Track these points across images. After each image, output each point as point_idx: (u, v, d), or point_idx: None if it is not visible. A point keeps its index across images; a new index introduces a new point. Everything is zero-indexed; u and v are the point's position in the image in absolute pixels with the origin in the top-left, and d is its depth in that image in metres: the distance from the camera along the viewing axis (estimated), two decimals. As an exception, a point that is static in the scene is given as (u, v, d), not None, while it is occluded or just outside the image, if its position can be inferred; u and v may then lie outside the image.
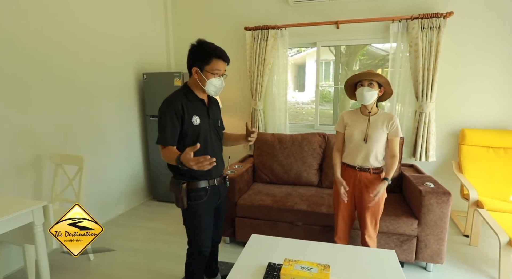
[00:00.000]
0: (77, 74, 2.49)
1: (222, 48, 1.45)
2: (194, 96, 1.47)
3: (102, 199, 2.82)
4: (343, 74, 4.21)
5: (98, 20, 2.66)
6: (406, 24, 2.68)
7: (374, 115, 1.73)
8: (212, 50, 1.40)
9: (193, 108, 1.44)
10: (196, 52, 1.41)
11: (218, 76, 1.42)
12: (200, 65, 1.39)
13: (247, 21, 3.22)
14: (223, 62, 1.42)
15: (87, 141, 2.62)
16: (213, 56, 1.39)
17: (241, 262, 1.45)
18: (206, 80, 1.40)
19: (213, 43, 1.43)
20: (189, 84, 1.49)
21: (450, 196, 1.90)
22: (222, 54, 1.41)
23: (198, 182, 1.48)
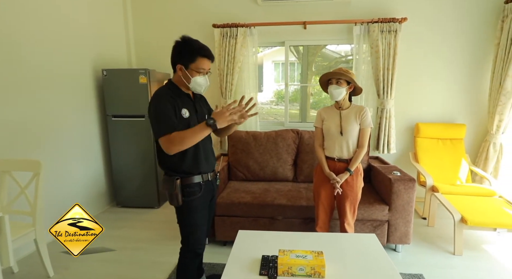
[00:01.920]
0: (24, 67, 2.20)
1: (207, 46, 1.41)
2: (180, 91, 1.42)
3: (57, 208, 2.48)
4: (303, 75, 4.40)
5: (48, 6, 2.38)
6: (367, 27, 2.90)
7: (346, 109, 1.86)
8: (197, 48, 1.36)
9: (181, 102, 1.40)
10: (181, 49, 1.36)
11: (202, 74, 1.38)
12: (185, 63, 1.35)
13: (215, 18, 3.17)
14: (208, 60, 1.39)
15: (38, 143, 2.33)
16: (198, 55, 1.35)
17: (233, 258, 1.42)
18: (191, 78, 1.36)
19: (198, 41, 1.39)
20: (174, 81, 1.44)
21: (415, 182, 2.10)
22: (208, 53, 1.38)
23: (192, 178, 1.44)
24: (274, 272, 1.28)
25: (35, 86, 2.28)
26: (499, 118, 2.74)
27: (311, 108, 4.70)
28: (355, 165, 1.82)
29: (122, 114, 2.94)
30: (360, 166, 1.90)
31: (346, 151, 1.84)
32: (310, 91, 4.68)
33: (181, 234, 1.51)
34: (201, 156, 1.45)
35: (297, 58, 4.53)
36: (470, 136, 3.06)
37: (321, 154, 1.93)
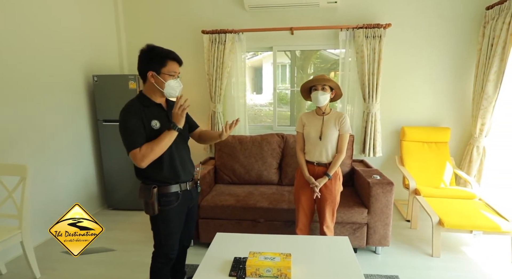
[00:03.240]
0: (16, 71, 2.27)
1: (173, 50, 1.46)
2: (150, 101, 1.43)
3: (49, 211, 2.57)
4: (298, 77, 4.45)
5: (40, 13, 2.46)
6: (352, 32, 2.95)
7: (327, 114, 1.91)
8: (166, 52, 1.41)
9: (151, 113, 1.41)
10: (149, 56, 1.39)
11: (174, 78, 1.42)
12: (156, 68, 1.38)
13: (204, 24, 3.24)
14: (177, 64, 1.44)
15: (29, 147, 2.39)
16: (168, 58, 1.40)
17: (207, 259, 1.48)
18: (165, 82, 1.39)
19: (162, 47, 1.43)
20: (144, 91, 1.45)
21: (392, 185, 2.15)
22: (176, 56, 1.43)
23: (169, 187, 1.45)
24: (242, 274, 1.33)
25: (25, 91, 2.34)
26: (481, 122, 2.78)
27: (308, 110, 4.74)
28: (333, 170, 1.87)
29: (112, 119, 3.01)
30: (339, 170, 1.95)
31: (325, 156, 1.89)
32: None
33: (154, 240, 1.54)
34: (178, 165, 1.47)
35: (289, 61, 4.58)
36: (455, 139, 3.10)
37: (302, 158, 1.98)
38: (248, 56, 3.22)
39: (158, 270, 1.55)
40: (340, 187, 1.96)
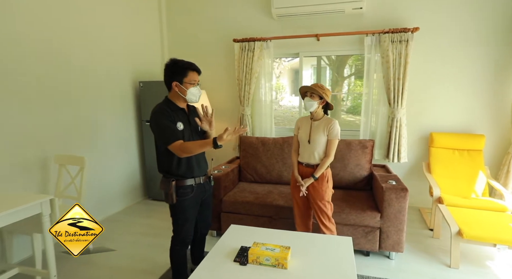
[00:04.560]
0: (80, 81, 2.77)
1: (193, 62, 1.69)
2: (176, 106, 1.68)
3: (101, 197, 3.08)
4: (333, 80, 4.48)
5: (98, 33, 2.95)
6: (378, 37, 2.95)
7: (317, 120, 2.03)
8: (187, 64, 1.64)
9: (177, 116, 1.65)
10: (172, 69, 1.63)
11: (194, 86, 1.66)
12: (179, 79, 1.62)
13: (235, 33, 3.50)
14: (197, 73, 1.67)
15: (88, 143, 2.89)
16: (189, 69, 1.63)
17: (218, 246, 1.69)
18: (186, 90, 1.63)
19: (183, 60, 1.67)
20: (170, 97, 1.70)
21: (407, 192, 2.15)
22: (195, 67, 1.67)
23: (185, 180, 1.69)
24: (245, 260, 1.53)
25: (82, 95, 2.82)
26: (521, 130, 2.58)
27: (348, 113, 4.71)
28: (319, 172, 1.98)
29: (154, 120, 3.43)
30: (328, 172, 2.05)
31: (312, 158, 2.02)
32: (342, 97, 4.74)
33: (173, 226, 1.78)
34: (194, 162, 1.71)
35: (328, 64, 4.62)
36: (490, 147, 2.90)
37: (294, 158, 2.15)
38: (288, 58, 3.37)
39: (176, 252, 1.79)
40: (327, 187, 2.05)
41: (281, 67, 5.37)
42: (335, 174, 2.70)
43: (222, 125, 3.80)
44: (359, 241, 2.26)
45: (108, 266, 2.27)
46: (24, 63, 2.30)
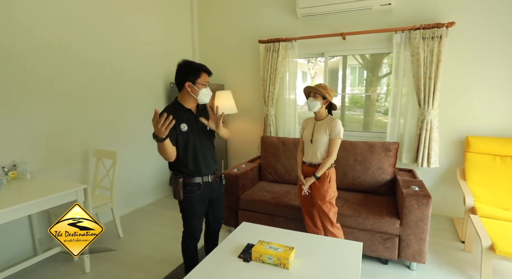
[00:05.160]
0: (116, 84, 3.05)
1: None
2: (183, 107, 1.72)
3: (134, 189, 3.36)
4: (368, 80, 4.30)
5: (134, 39, 3.21)
6: (408, 34, 2.78)
7: (321, 120, 2.02)
8: (199, 66, 1.68)
9: (181, 117, 1.67)
10: (186, 70, 1.67)
11: (205, 87, 1.72)
12: (192, 79, 1.66)
13: (261, 34, 3.55)
14: (208, 75, 1.73)
15: (122, 139, 3.16)
16: (202, 71, 1.68)
17: (227, 242, 1.75)
18: (199, 91, 1.67)
19: (194, 61, 1.73)
20: (178, 99, 1.74)
21: (429, 199, 2.02)
22: (207, 69, 1.72)
23: (192, 178, 1.73)
24: (248, 257, 1.57)
25: (119, 96, 3.10)
26: None
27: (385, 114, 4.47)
28: (320, 172, 1.96)
29: (182, 119, 3.64)
30: (331, 172, 2.01)
31: (315, 158, 2.01)
32: (375, 97, 4.54)
33: (183, 221, 1.83)
34: (200, 162, 1.75)
35: (361, 64, 4.45)
36: (541, 154, 2.56)
37: (299, 158, 2.16)
38: (324, 59, 3.33)
39: (186, 246, 1.89)
40: (330, 188, 2.01)
41: (317, 67, 5.29)
42: (356, 177, 2.63)
43: (246, 125, 3.89)
44: (376, 248, 2.18)
45: (134, 252, 2.48)
46: (68, 69, 2.60)
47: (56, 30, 2.48)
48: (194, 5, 3.96)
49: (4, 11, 2.14)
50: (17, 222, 2.30)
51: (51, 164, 2.51)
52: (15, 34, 2.21)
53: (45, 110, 2.44)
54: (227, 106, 3.65)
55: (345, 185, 2.67)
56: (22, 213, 1.82)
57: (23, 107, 2.30)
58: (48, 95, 2.46)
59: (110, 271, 2.21)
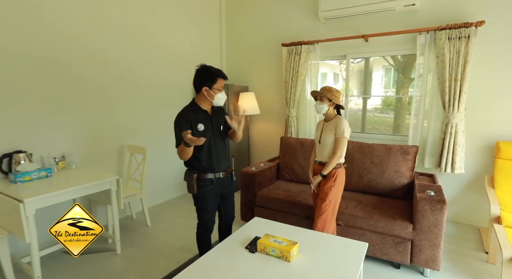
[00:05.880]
0: (149, 87, 3.35)
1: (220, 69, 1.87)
2: (199, 108, 1.85)
3: (162, 183, 3.64)
4: (399, 82, 4.19)
5: (166, 46, 3.50)
6: (433, 35, 2.70)
7: (328, 121, 2.10)
8: (216, 72, 1.79)
9: (198, 118, 1.82)
10: (204, 75, 1.79)
11: (221, 91, 1.85)
12: (209, 85, 1.78)
13: (284, 37, 3.65)
14: (224, 80, 1.85)
15: (154, 137, 3.46)
16: (218, 77, 1.78)
17: (236, 234, 1.86)
18: (214, 95, 1.80)
19: (212, 66, 1.82)
20: (196, 100, 1.87)
21: (444, 204, 1.97)
22: (223, 74, 1.84)
23: (206, 174, 1.86)
24: (254, 248, 1.69)
25: (153, 98, 3.40)
26: None
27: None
28: (326, 170, 2.02)
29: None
30: (338, 171, 2.05)
31: (324, 157, 2.10)
32: (406, 100, 4.40)
33: (197, 214, 1.97)
34: (213, 160, 1.87)
35: (393, 65, 4.34)
36: None
37: (312, 158, 2.25)
38: (357, 60, 3.34)
39: (199, 237, 2.01)
40: (334, 187, 2.04)
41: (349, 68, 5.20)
42: (372, 180, 2.62)
43: (269, 126, 4.01)
44: (388, 251, 2.17)
45: (158, 239, 2.73)
46: (108, 75, 2.93)
47: (97, 40, 2.82)
48: (223, 12, 4.17)
49: (52, 25, 2.49)
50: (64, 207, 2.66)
51: (92, 157, 2.86)
52: (62, 45, 2.56)
53: (88, 111, 2.79)
54: (250, 107, 3.80)
55: (360, 187, 2.67)
56: (68, 197, 2.13)
57: (71, 109, 2.66)
58: (91, 98, 2.80)
59: (137, 254, 2.47)
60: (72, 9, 2.59)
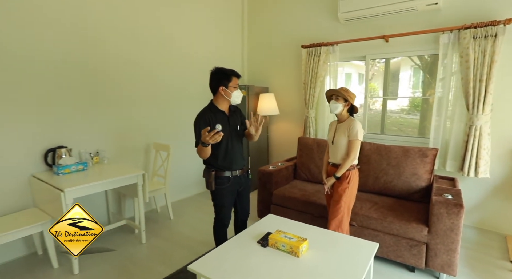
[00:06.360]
0: (174, 89, 3.56)
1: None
2: (217, 109, 1.95)
3: (185, 180, 3.84)
4: (425, 82, 4.06)
5: (192, 50, 3.69)
6: (457, 34, 2.61)
7: (341, 122, 2.10)
8: (230, 71, 1.90)
9: (216, 118, 1.92)
10: (218, 76, 1.90)
11: (236, 89, 1.95)
12: (225, 84, 1.89)
13: (303, 39, 3.69)
14: (238, 78, 1.94)
15: (178, 136, 3.67)
16: (232, 75, 1.89)
17: (250, 229, 1.95)
18: (231, 93, 1.90)
19: (224, 67, 1.93)
20: (214, 101, 1.99)
21: (461, 208, 1.93)
22: (237, 73, 1.93)
23: (223, 172, 1.96)
24: (266, 243, 1.78)
25: (178, 100, 3.61)
26: None
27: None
28: (340, 172, 2.03)
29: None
30: (352, 173, 2.06)
31: (337, 159, 2.11)
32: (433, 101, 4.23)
33: (214, 209, 2.08)
34: (230, 158, 1.97)
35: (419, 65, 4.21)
36: None
37: (325, 159, 2.28)
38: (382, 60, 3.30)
39: (216, 231, 2.13)
40: (348, 189, 2.05)
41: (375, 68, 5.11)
42: (388, 182, 2.60)
43: (288, 126, 4.07)
44: (402, 254, 2.16)
45: (180, 232, 2.91)
46: (137, 79, 3.17)
47: (129, 48, 3.06)
48: (245, 16, 4.30)
49: (93, 37, 2.75)
50: (98, 198, 2.94)
51: (122, 153, 3.11)
52: (99, 54, 2.82)
53: (119, 112, 3.04)
54: (269, 108, 3.89)
55: (377, 188, 2.66)
56: (100, 188, 2.36)
57: (105, 110, 2.91)
58: (122, 100, 3.05)
59: (160, 245, 2.66)
60: (109, 22, 2.85)
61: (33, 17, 2.36)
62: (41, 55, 2.42)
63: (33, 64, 2.38)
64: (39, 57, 2.41)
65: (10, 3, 2.23)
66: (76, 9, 2.60)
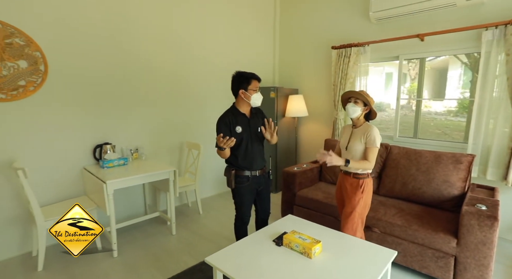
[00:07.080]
0: (207, 92, 3.76)
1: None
2: (238, 112, 2.04)
3: (214, 178, 4.02)
4: (474, 81, 3.75)
5: (223, 52, 3.86)
6: (504, 29, 2.38)
7: (357, 127, 1.99)
8: (250, 74, 1.97)
9: (237, 121, 2.01)
10: (239, 79, 1.97)
11: (256, 92, 2.01)
12: (245, 87, 1.96)
13: (333, 40, 3.64)
14: (258, 81, 2.00)
15: (208, 135, 3.84)
16: (252, 78, 1.96)
17: (268, 228, 2.01)
18: (251, 96, 1.97)
19: (245, 71, 2.00)
20: (235, 104, 2.07)
21: (495, 221, 1.79)
22: (257, 76, 1.99)
23: (243, 171, 2.05)
24: (280, 242, 1.83)
25: (206, 102, 3.79)
26: None
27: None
28: (355, 163, 1.90)
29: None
30: (366, 182, 1.96)
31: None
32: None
33: (234, 207, 2.16)
34: (250, 158, 2.05)
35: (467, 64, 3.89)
36: None
37: None
38: (428, 58, 3.13)
39: (237, 227, 2.22)
40: (362, 199, 1.96)
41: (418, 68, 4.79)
42: (416, 188, 2.47)
43: (317, 128, 4.04)
44: (427, 265, 2.06)
45: (207, 227, 3.08)
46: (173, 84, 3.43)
47: (168, 56, 3.32)
48: (277, 18, 4.36)
49: (132, 46, 3.05)
50: (137, 190, 3.24)
51: (159, 150, 3.39)
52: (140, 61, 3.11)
53: (156, 113, 3.32)
54: (298, 109, 3.91)
55: (404, 194, 2.54)
56: (138, 181, 2.62)
57: (144, 111, 3.20)
58: (158, 102, 3.32)
59: (188, 237, 2.86)
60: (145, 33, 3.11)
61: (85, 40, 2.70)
62: (90, 68, 2.76)
63: (86, 73, 2.74)
64: (90, 70, 2.76)
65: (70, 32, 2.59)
66: (113, 23, 2.87)
